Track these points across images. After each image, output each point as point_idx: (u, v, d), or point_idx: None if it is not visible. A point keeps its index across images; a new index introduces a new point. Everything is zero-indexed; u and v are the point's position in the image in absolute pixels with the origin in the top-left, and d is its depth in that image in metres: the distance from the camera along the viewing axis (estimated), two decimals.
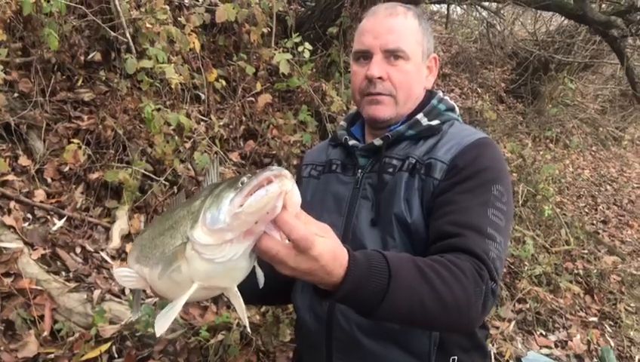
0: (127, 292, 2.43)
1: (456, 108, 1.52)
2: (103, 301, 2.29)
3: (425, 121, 1.42)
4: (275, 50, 3.88)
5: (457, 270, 1.12)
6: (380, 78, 1.38)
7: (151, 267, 1.03)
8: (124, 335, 2.16)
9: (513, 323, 3.27)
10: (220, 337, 2.24)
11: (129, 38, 2.87)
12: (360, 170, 1.43)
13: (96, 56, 3.44)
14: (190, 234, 0.91)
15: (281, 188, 0.85)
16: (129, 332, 2.17)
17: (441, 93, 1.53)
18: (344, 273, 0.98)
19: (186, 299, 0.94)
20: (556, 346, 3.30)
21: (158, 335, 0.96)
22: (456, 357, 1.37)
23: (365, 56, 1.41)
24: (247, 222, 0.86)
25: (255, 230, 0.88)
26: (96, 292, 2.30)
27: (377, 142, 1.42)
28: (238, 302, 1.01)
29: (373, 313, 1.04)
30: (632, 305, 4.16)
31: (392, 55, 1.38)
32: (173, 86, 3.25)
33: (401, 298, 1.04)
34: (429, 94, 1.52)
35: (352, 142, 1.47)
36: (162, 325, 0.94)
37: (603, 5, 5.24)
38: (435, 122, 1.41)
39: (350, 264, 0.98)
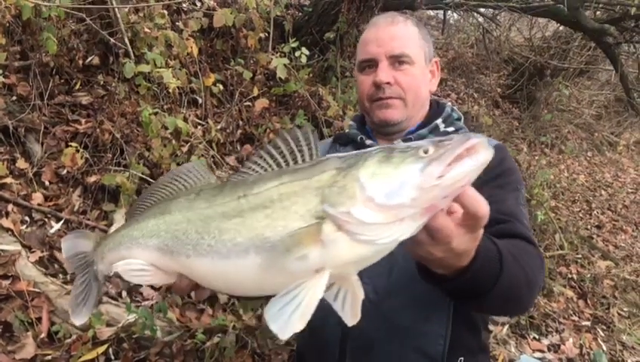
0: (124, 294, 2.45)
1: (462, 118, 1.57)
2: (101, 303, 2.31)
3: (442, 127, 1.47)
4: (273, 54, 3.91)
5: (534, 253, 1.20)
6: (387, 83, 1.42)
7: (213, 257, 0.91)
8: (121, 338, 2.18)
9: (507, 327, 3.30)
10: (215, 340, 2.27)
11: (127, 43, 2.88)
12: None
13: (94, 60, 3.46)
14: (342, 211, 0.77)
15: (486, 159, 0.76)
16: (126, 334, 2.19)
17: (449, 103, 1.59)
18: (473, 257, 0.95)
19: (321, 291, 0.80)
20: (549, 350, 3.34)
21: (285, 338, 0.82)
22: (463, 358, 1.39)
23: (371, 65, 1.46)
24: (436, 197, 0.76)
25: (439, 206, 0.78)
26: None
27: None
28: (356, 291, 0.88)
29: (483, 296, 1.04)
30: (624, 309, 4.20)
31: (397, 60, 1.43)
32: (170, 90, 3.28)
33: (508, 280, 1.05)
34: (437, 103, 1.58)
35: (368, 141, 1.49)
36: (291, 327, 0.79)
37: (598, 12, 5.30)
38: (450, 129, 1.47)
39: (479, 247, 0.94)
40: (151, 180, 3.05)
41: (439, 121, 1.48)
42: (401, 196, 0.75)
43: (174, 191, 1.11)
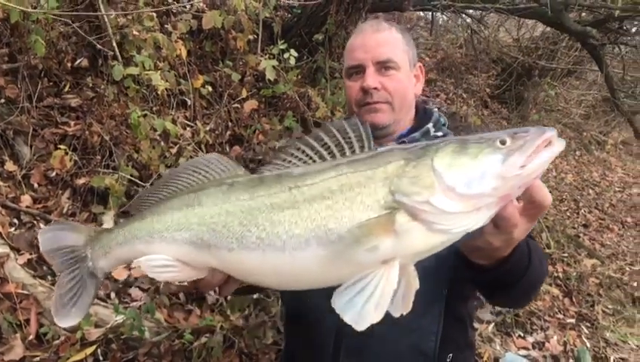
0: (113, 296, 2.47)
1: (447, 123, 1.62)
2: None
3: (432, 132, 1.52)
4: (262, 56, 3.94)
5: (540, 248, 1.28)
6: (375, 88, 1.47)
7: (264, 250, 0.88)
8: (109, 338, 2.21)
9: (492, 324, 3.35)
10: (203, 340, 2.30)
11: (115, 47, 2.90)
12: None
13: (83, 62, 3.48)
14: (419, 200, 0.78)
15: (559, 150, 0.80)
16: (114, 335, 2.21)
17: (436, 108, 1.65)
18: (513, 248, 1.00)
19: (395, 281, 0.79)
20: (534, 347, 3.39)
21: (361, 329, 0.81)
22: (452, 355, 1.44)
23: (358, 70, 1.51)
24: (514, 186, 0.79)
25: (513, 195, 0.81)
26: None
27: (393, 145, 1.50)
28: (411, 281, 0.87)
29: (513, 286, 1.13)
30: (609, 306, 4.26)
31: (384, 66, 1.48)
32: (159, 92, 3.30)
33: (533, 272, 1.13)
34: (424, 107, 1.62)
35: None
36: (368, 318, 0.79)
37: (583, 14, 5.37)
38: (439, 133, 1.52)
39: None
40: (140, 182, 3.08)
41: (430, 125, 1.53)
42: (482, 185, 0.77)
43: (193, 183, 1.06)
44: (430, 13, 5.94)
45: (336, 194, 0.84)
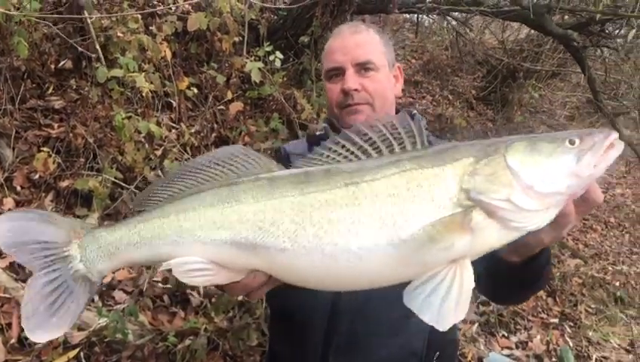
0: (96, 299, 2.46)
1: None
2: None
3: None
4: (247, 58, 3.94)
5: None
6: (355, 90, 1.48)
7: (324, 249, 0.84)
8: (92, 341, 2.20)
9: (476, 324, 3.38)
10: (187, 342, 2.30)
11: (98, 49, 2.90)
12: None
13: (67, 63, 3.46)
14: (498, 198, 0.78)
15: (621, 151, 0.83)
16: (97, 338, 2.20)
17: (415, 111, 1.66)
18: None
19: (472, 279, 0.79)
20: (517, 347, 3.43)
21: (444, 329, 0.80)
22: (438, 353, 1.47)
23: (337, 73, 1.52)
24: (583, 185, 0.82)
25: (578, 194, 0.83)
26: None
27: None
28: (470, 274, 0.83)
29: (537, 282, 1.19)
30: (592, 306, 4.32)
31: (363, 67, 1.49)
32: (144, 94, 3.29)
33: (549, 268, 1.19)
34: (405, 110, 1.64)
35: None
36: (451, 318, 0.78)
37: (566, 17, 5.43)
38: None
39: None
40: (124, 184, 3.07)
41: None
42: (559, 184, 0.79)
43: (216, 176, 0.98)
44: (415, 15, 5.98)
45: (402, 191, 0.82)
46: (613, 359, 3.68)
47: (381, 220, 0.81)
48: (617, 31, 5.27)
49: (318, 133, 1.60)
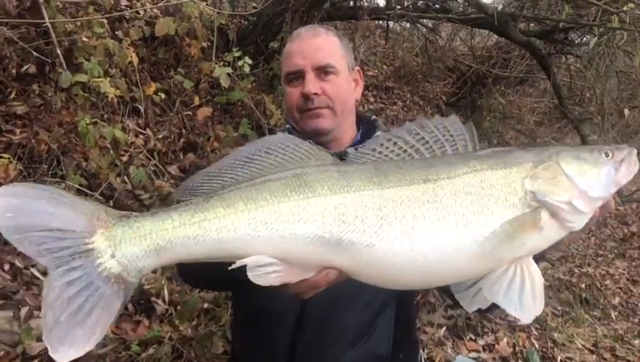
0: None
1: None
2: (31, 318, 2.27)
3: None
4: (216, 63, 3.93)
5: None
6: (315, 94, 1.47)
7: (412, 245, 0.83)
8: None
9: (444, 328, 3.41)
10: (151, 351, 2.27)
11: (60, 54, 2.85)
12: None
13: (30, 68, 3.40)
14: (562, 200, 0.85)
15: None
16: None
17: (374, 116, 1.68)
18: None
19: (540, 273, 0.86)
20: (484, 350, 3.47)
21: (528, 322, 0.85)
22: (402, 355, 1.49)
23: (297, 76, 1.50)
24: (612, 193, 0.91)
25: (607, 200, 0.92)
26: (24, 310, 2.28)
27: (351, 151, 1.50)
28: (536, 269, 0.89)
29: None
30: (558, 308, 4.40)
31: (323, 71, 1.48)
32: (110, 99, 3.25)
33: None
34: (365, 115, 1.65)
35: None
36: (533, 310, 0.83)
37: (532, 25, 5.56)
38: None
39: None
40: (88, 191, 3.02)
41: (379, 133, 1.55)
42: (604, 190, 0.87)
43: (272, 166, 0.92)
44: (385, 22, 6.04)
45: (478, 190, 0.85)
46: (577, 360, 3.75)
47: (464, 218, 0.83)
48: (580, 39, 5.42)
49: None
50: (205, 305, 2.56)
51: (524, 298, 0.83)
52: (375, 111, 6.52)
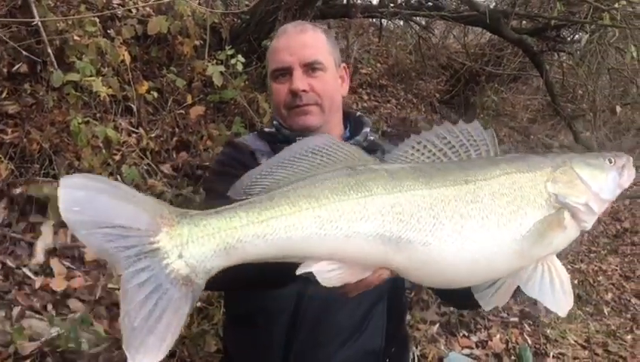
0: (50, 308, 2.42)
1: None
2: (23, 318, 2.27)
3: (370, 136, 1.56)
4: (209, 62, 3.92)
5: None
6: (304, 90, 1.45)
7: (462, 244, 0.85)
8: (44, 352, 2.15)
9: (437, 325, 3.43)
10: None
11: (50, 53, 2.84)
12: None
13: (21, 67, 3.38)
14: (581, 202, 0.91)
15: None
16: (50, 348, 2.16)
17: (359, 113, 1.68)
18: None
19: (564, 269, 0.93)
20: (477, 346, 3.49)
21: (564, 315, 0.91)
22: (394, 349, 1.51)
23: (284, 73, 1.48)
24: (616, 196, 0.98)
25: None
26: (16, 309, 2.28)
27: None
28: (561, 265, 0.94)
29: None
30: None
31: (310, 68, 1.47)
32: (102, 98, 3.24)
33: None
34: (352, 112, 1.65)
35: None
36: (569, 302, 0.90)
37: (524, 22, 5.58)
38: (372, 137, 1.56)
39: None
40: None
41: (367, 130, 1.57)
42: (612, 193, 0.95)
43: (319, 166, 0.92)
44: (379, 19, 6.05)
45: (511, 191, 0.89)
46: (569, 355, 3.78)
47: (503, 217, 0.88)
48: (572, 36, 5.45)
49: (267, 130, 1.57)
50: (198, 304, 2.56)
51: (556, 293, 0.89)
52: (369, 109, 6.52)
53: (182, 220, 0.80)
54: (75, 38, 3.27)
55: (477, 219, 0.87)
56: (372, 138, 1.57)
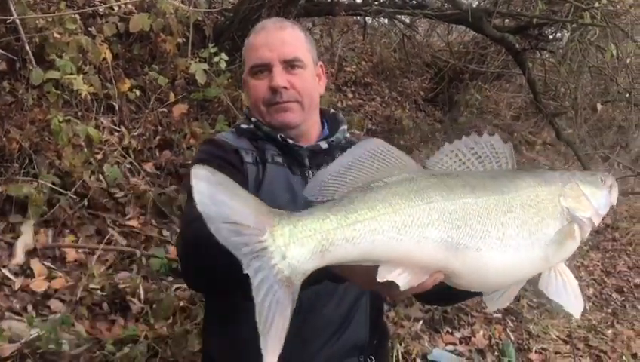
0: (30, 309, 2.39)
1: None
2: (2, 319, 2.24)
3: (346, 133, 1.57)
4: (192, 60, 3.90)
5: None
6: (284, 87, 1.45)
7: (505, 250, 0.91)
8: (24, 354, 2.13)
9: (421, 322, 3.45)
10: (125, 350, 2.25)
11: (29, 50, 2.80)
12: (311, 172, 1.48)
13: (1, 65, 3.34)
14: (586, 216, 1.01)
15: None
16: (30, 349, 2.14)
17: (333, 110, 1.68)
18: None
19: (572, 275, 1.01)
20: (460, 342, 3.52)
21: (579, 316, 1.00)
22: (376, 341, 1.53)
23: (263, 69, 1.47)
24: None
25: None
26: None
27: (324, 145, 1.51)
28: (569, 272, 1.01)
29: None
30: (534, 300, 4.46)
31: (290, 65, 1.46)
32: (83, 96, 3.21)
33: None
34: (327, 109, 1.65)
35: (290, 141, 1.49)
36: (580, 304, 0.98)
37: (507, 20, 5.62)
38: (348, 135, 1.58)
39: None
40: (62, 190, 2.98)
41: (345, 127, 1.57)
42: (606, 209, 1.05)
43: (380, 170, 0.94)
44: (363, 17, 6.06)
45: (536, 203, 0.97)
46: (551, 350, 3.82)
47: (533, 227, 0.95)
48: (554, 34, 5.51)
49: (245, 126, 1.54)
50: (181, 304, 2.55)
51: (570, 296, 0.97)
52: (353, 106, 6.54)
53: (281, 220, 0.80)
54: (56, 35, 3.23)
55: (513, 228, 0.93)
56: (347, 135, 1.58)
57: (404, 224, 0.86)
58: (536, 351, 3.77)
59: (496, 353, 3.56)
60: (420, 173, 0.95)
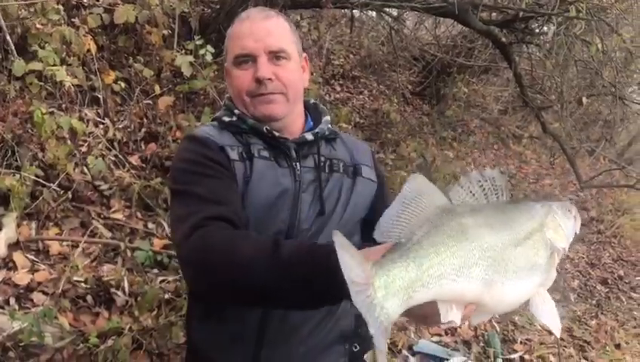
0: (12, 302, 2.37)
1: None
2: None
3: (329, 124, 1.55)
4: (178, 52, 3.87)
5: None
6: (269, 79, 1.42)
7: (517, 281, 0.97)
8: (6, 347, 2.11)
9: None
10: (109, 342, 2.24)
11: (10, 41, 2.77)
12: (298, 164, 1.45)
13: None
14: (563, 247, 1.08)
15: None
16: (12, 342, 2.12)
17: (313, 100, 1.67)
18: None
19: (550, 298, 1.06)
20: (446, 334, 3.54)
21: (559, 334, 1.07)
22: (360, 330, 1.51)
23: (247, 59, 1.43)
24: None
25: None
26: None
27: (309, 136, 1.48)
28: (548, 296, 1.07)
29: None
30: None
31: (275, 56, 1.43)
32: (66, 88, 3.18)
33: None
34: (309, 100, 1.64)
35: (277, 133, 1.45)
36: (560, 323, 1.05)
37: (494, 14, 5.63)
38: (331, 125, 1.56)
39: None
40: (45, 183, 2.95)
41: (327, 118, 1.56)
42: (572, 237, 1.11)
43: (426, 209, 0.97)
44: (350, 10, 6.04)
45: (531, 235, 1.03)
46: (536, 341, 3.86)
47: (533, 258, 1.02)
48: (540, 28, 5.52)
49: (227, 119, 1.49)
50: (166, 296, 2.54)
51: (554, 319, 1.04)
52: (341, 100, 6.53)
53: (380, 271, 0.83)
54: (38, 26, 3.19)
55: (521, 260, 0.99)
56: (330, 126, 1.57)
57: (460, 266, 0.91)
58: (521, 342, 3.80)
59: (481, 344, 3.59)
60: (454, 210, 0.98)
